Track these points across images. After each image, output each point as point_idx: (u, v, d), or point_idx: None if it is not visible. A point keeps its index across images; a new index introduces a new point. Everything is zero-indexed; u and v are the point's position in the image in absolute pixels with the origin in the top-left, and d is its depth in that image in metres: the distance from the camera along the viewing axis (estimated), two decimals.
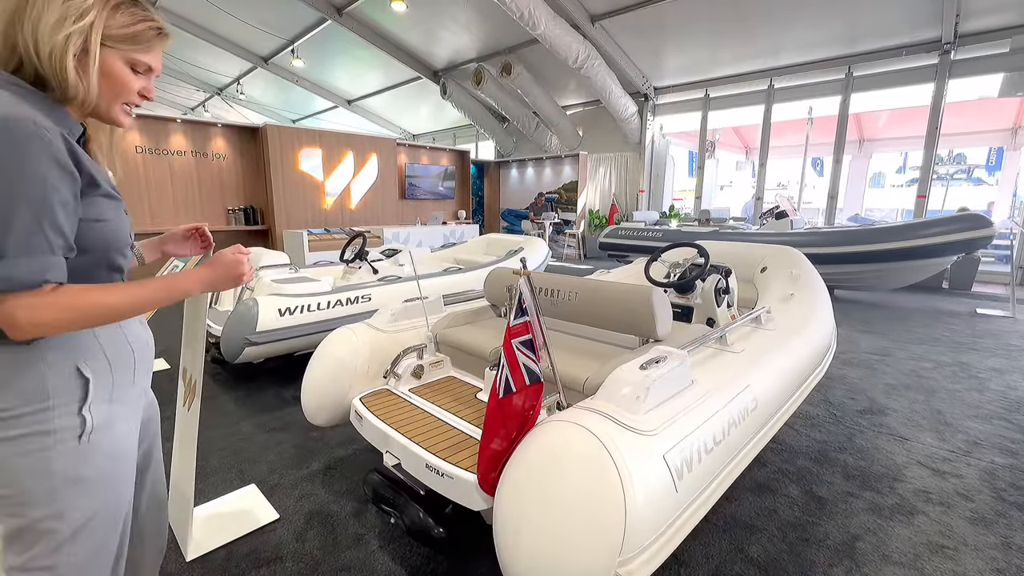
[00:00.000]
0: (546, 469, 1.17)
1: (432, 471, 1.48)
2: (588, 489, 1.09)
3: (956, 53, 7.13)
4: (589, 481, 1.10)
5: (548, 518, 1.10)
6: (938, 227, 5.60)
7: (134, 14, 0.84)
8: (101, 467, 0.84)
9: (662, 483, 1.17)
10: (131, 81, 0.87)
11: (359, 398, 1.94)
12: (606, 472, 1.10)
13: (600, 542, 1.04)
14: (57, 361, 0.79)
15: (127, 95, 0.87)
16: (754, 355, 1.84)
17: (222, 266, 0.99)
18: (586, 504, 1.08)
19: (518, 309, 1.37)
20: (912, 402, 3.11)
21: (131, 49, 0.85)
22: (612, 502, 1.07)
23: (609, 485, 1.09)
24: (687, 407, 1.39)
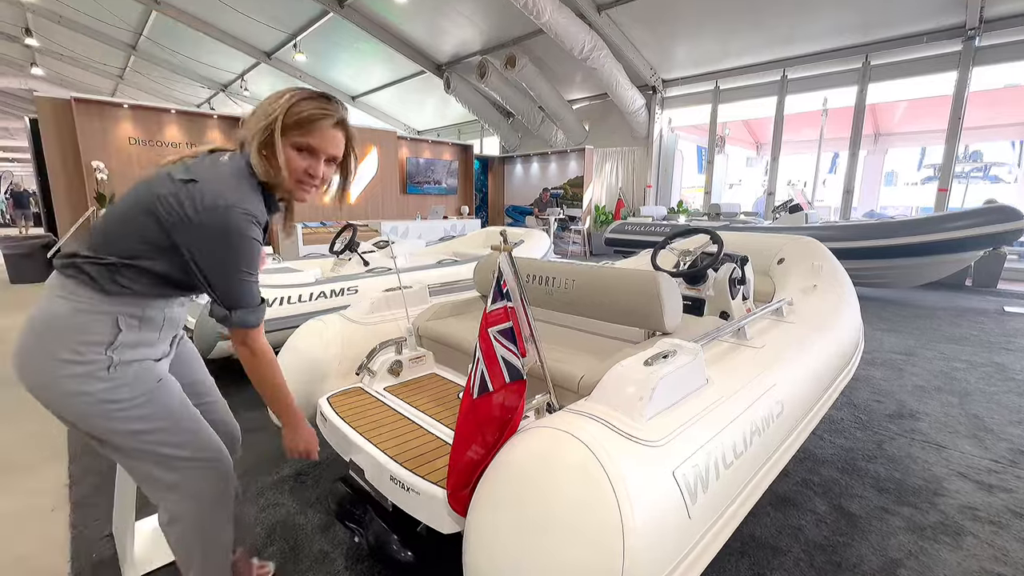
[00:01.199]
0: (526, 486, 0.93)
1: (397, 484, 1.25)
2: (576, 513, 0.86)
3: (981, 39, 6.79)
4: (578, 503, 0.87)
5: (528, 549, 0.87)
6: (964, 220, 5.29)
7: (302, 106, 1.06)
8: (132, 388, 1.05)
9: (671, 506, 0.93)
10: (294, 160, 1.07)
11: (326, 397, 1.72)
12: (599, 491, 0.87)
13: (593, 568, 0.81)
14: (110, 313, 1.02)
15: (295, 174, 1.08)
16: (777, 351, 1.59)
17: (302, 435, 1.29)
18: (574, 533, 0.85)
19: (496, 291, 1.14)
20: (945, 405, 2.84)
21: (294, 134, 1.06)
22: (606, 530, 0.84)
23: (602, 508, 0.85)
24: (701, 411, 1.14)
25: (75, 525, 1.80)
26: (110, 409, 1.02)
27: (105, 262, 1.00)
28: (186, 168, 1.02)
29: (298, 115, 1.04)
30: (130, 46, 13.55)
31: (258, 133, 1.03)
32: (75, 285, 1.00)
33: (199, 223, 0.97)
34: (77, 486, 2.04)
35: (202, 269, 1.00)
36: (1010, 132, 11.50)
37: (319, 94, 1.09)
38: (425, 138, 10.12)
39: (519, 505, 0.92)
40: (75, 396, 1.00)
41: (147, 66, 14.75)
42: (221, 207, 0.97)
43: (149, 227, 0.99)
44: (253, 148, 1.04)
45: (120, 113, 6.28)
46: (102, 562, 1.62)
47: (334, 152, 1.12)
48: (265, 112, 1.04)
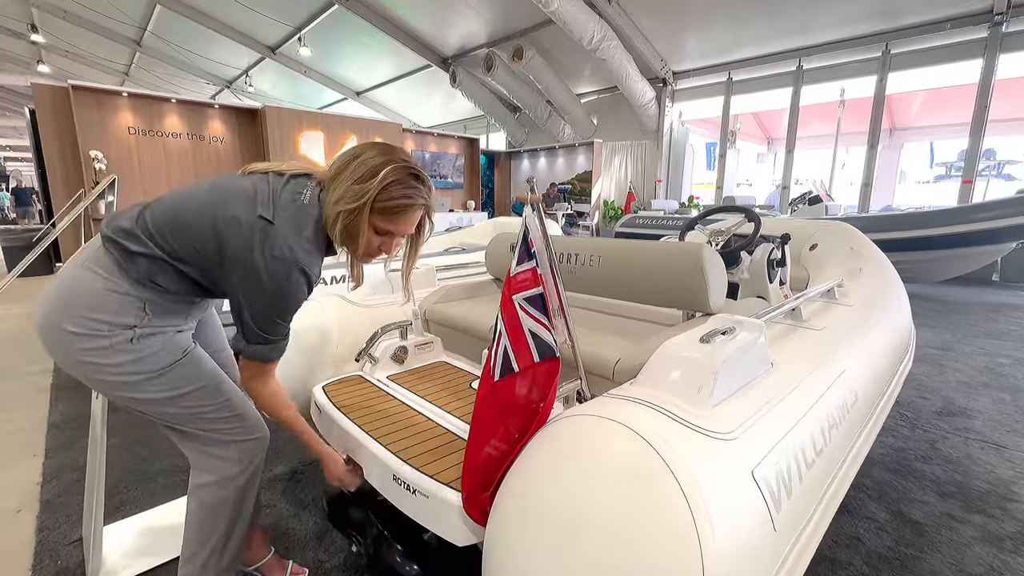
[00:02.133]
0: (565, 489, 0.73)
1: (401, 485, 1.05)
2: (634, 525, 0.65)
3: (1009, 25, 6.52)
4: (636, 511, 0.66)
5: (569, 570, 0.66)
6: (994, 210, 5.03)
7: (394, 191, 1.02)
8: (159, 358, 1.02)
9: (754, 516, 0.72)
10: (371, 241, 1.06)
11: (322, 386, 1.52)
12: (665, 496, 0.66)
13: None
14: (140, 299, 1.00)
15: (368, 250, 1.07)
16: (840, 334, 1.38)
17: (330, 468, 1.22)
18: (632, 551, 0.64)
19: (523, 251, 0.93)
20: (998, 403, 2.60)
21: (379, 219, 1.03)
22: (678, 548, 0.63)
23: (670, 519, 0.65)
24: (770, 399, 0.94)
25: (42, 528, 1.61)
26: (140, 379, 1.01)
27: (150, 254, 0.98)
28: (268, 200, 0.98)
29: (388, 202, 1.01)
30: (135, 42, 13.47)
31: (343, 205, 0.99)
32: (113, 265, 0.99)
33: (259, 267, 0.95)
34: (49, 484, 1.86)
35: (241, 303, 0.99)
36: None
37: (411, 173, 1.04)
38: (431, 131, 9.93)
39: (555, 513, 0.72)
40: (103, 370, 0.98)
41: (152, 62, 14.67)
42: (287, 260, 0.96)
43: (208, 242, 0.98)
44: (333, 216, 1.00)
45: (119, 102, 6.13)
46: (67, 570, 1.43)
47: (410, 232, 1.11)
48: (356, 188, 0.99)
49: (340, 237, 1.02)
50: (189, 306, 1.10)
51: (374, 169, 1.00)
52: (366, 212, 1.00)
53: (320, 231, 1.02)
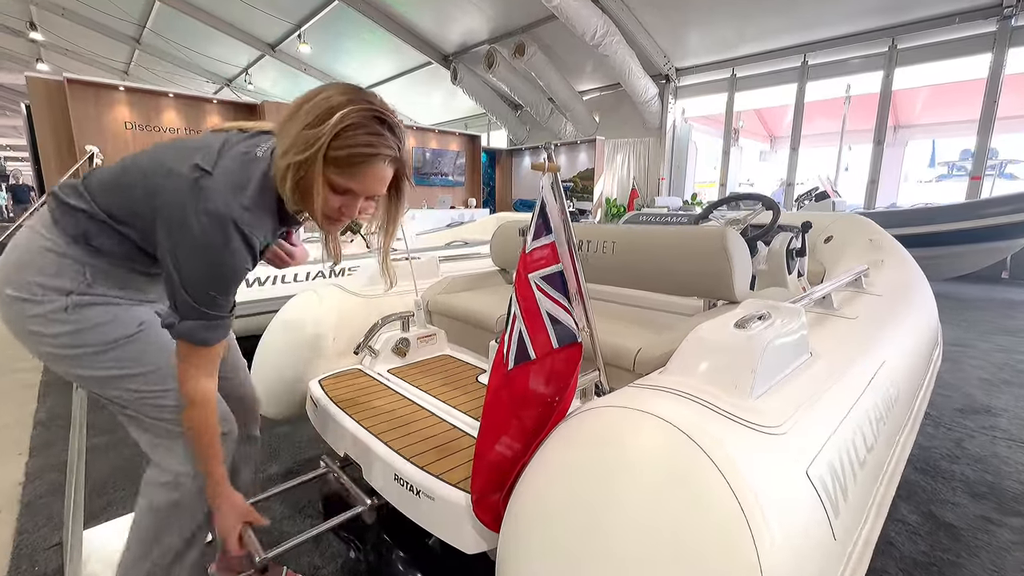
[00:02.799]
0: (592, 490, 0.63)
1: (403, 486, 0.96)
2: (677, 531, 0.56)
3: (1018, 18, 6.42)
4: (681, 517, 0.57)
5: None
6: (1005, 205, 4.93)
7: (351, 138, 0.82)
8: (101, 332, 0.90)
9: (812, 521, 0.63)
10: (329, 201, 0.86)
11: (318, 380, 1.43)
12: (712, 496, 0.57)
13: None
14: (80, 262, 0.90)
15: (326, 211, 0.87)
16: (874, 323, 1.28)
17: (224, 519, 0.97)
18: (677, 563, 0.54)
19: (540, 224, 0.84)
20: (1021, 400, 2.51)
21: (335, 171, 0.84)
22: (732, 559, 0.54)
23: (722, 526, 0.55)
24: (815, 391, 0.84)
25: (21, 531, 1.51)
26: (81, 353, 0.90)
27: (87, 210, 0.88)
28: (213, 152, 0.84)
29: (344, 150, 0.82)
30: (134, 39, 13.39)
31: (292, 156, 0.81)
32: (50, 220, 0.89)
33: (190, 223, 0.80)
34: (31, 484, 1.76)
35: (170, 267, 0.83)
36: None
37: (375, 116, 0.84)
38: (432, 127, 9.84)
39: (582, 518, 0.62)
40: (45, 341, 0.89)
41: (151, 60, 14.60)
42: (221, 216, 0.80)
43: (141, 199, 0.86)
44: (282, 170, 0.83)
45: (115, 96, 6.04)
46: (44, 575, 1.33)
47: (379, 192, 0.91)
48: (307, 134, 0.81)
49: (293, 196, 0.85)
50: (139, 276, 0.96)
51: (329, 110, 0.80)
52: (318, 163, 0.81)
53: (269, 188, 0.86)
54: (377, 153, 0.84)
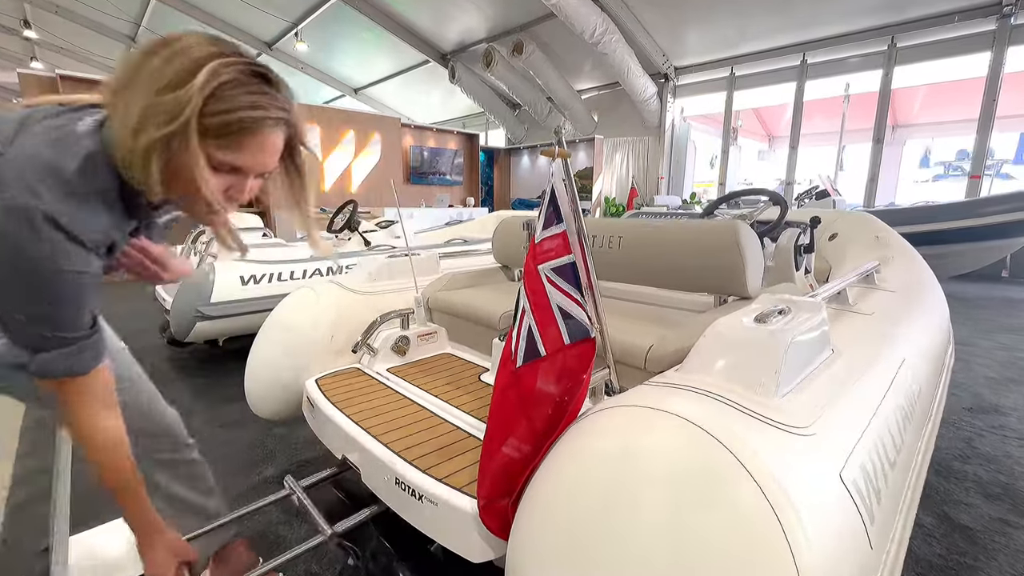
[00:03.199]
0: (611, 496, 0.59)
1: (405, 490, 0.91)
2: (710, 541, 0.51)
3: (1018, 16, 6.41)
4: (710, 523, 0.52)
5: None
6: (1008, 203, 4.92)
7: (231, 100, 0.64)
8: None
9: (849, 529, 0.58)
10: (210, 184, 0.67)
11: (315, 379, 1.38)
12: (743, 502, 0.53)
13: None
14: None
15: (211, 197, 0.67)
16: (891, 320, 1.24)
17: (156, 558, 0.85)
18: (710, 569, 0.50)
19: (551, 211, 0.79)
20: None
21: (214, 145, 0.65)
22: (768, 568, 0.49)
23: (755, 533, 0.51)
24: (841, 388, 0.80)
25: (6, 538, 1.46)
26: None
27: None
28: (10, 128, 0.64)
29: (224, 115, 0.64)
30: (129, 38, 13.28)
31: (152, 131, 0.62)
32: None
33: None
34: (19, 489, 1.70)
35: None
36: None
37: (254, 71, 0.67)
38: (430, 126, 9.78)
39: (599, 524, 0.58)
40: None
41: None
42: (26, 211, 0.60)
43: None
44: (140, 151, 0.63)
45: None
46: None
47: (271, 166, 0.73)
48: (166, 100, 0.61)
49: (161, 186, 0.65)
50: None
51: (192, 66, 0.62)
52: (192, 136, 0.63)
53: (100, 171, 0.66)
54: (267, 117, 0.67)
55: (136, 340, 3.68)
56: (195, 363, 2.96)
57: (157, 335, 3.39)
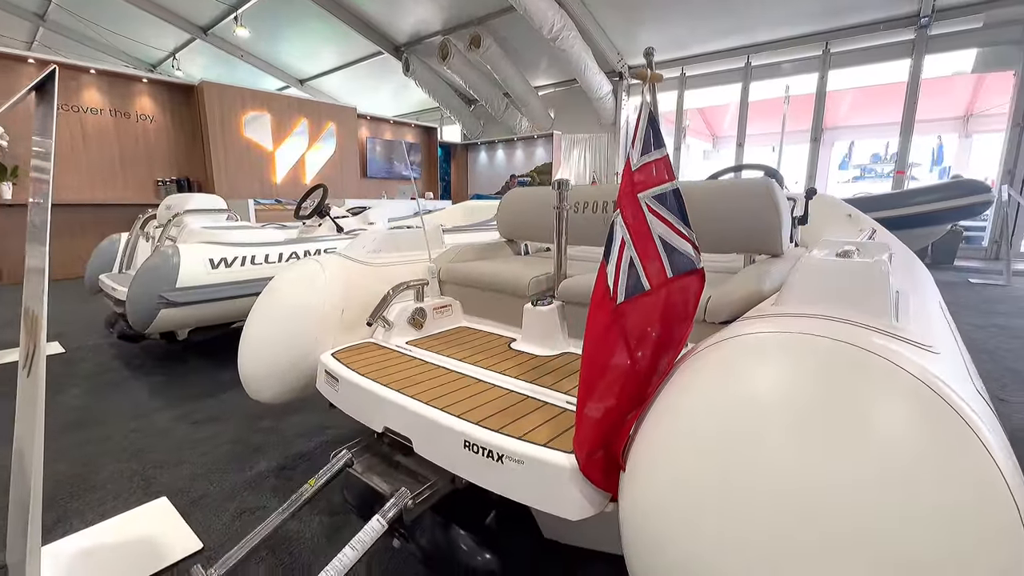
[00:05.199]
0: (758, 420, 0.54)
1: (477, 453, 0.82)
2: (895, 457, 0.48)
3: (932, 28, 7.08)
4: (891, 431, 0.49)
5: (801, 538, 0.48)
6: (937, 193, 5.41)
7: None
8: None
9: (998, 435, 0.57)
10: None
11: (330, 353, 1.25)
12: (930, 409, 0.49)
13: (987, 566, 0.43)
14: None
15: None
16: (905, 274, 1.29)
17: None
18: (935, 494, 0.46)
19: (649, 135, 0.74)
20: (980, 363, 2.70)
21: None
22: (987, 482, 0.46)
23: (955, 441, 0.48)
24: (927, 316, 0.80)
25: None
26: None
27: None
28: None
29: None
30: (38, 15, 11.94)
31: None
32: None
33: None
34: None
35: None
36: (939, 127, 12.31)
37: None
38: (387, 117, 9.47)
39: (735, 456, 0.53)
40: None
41: (59, 41, 13.07)
42: None
43: None
44: None
45: (23, 69, 5.30)
46: None
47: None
48: None
49: None
50: None
51: None
52: None
53: None
54: None
55: (76, 339, 3.27)
56: (150, 360, 2.66)
57: (101, 332, 3.04)
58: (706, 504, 0.54)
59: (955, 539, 0.44)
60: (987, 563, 0.43)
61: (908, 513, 0.45)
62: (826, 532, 0.47)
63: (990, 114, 10.31)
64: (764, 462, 0.52)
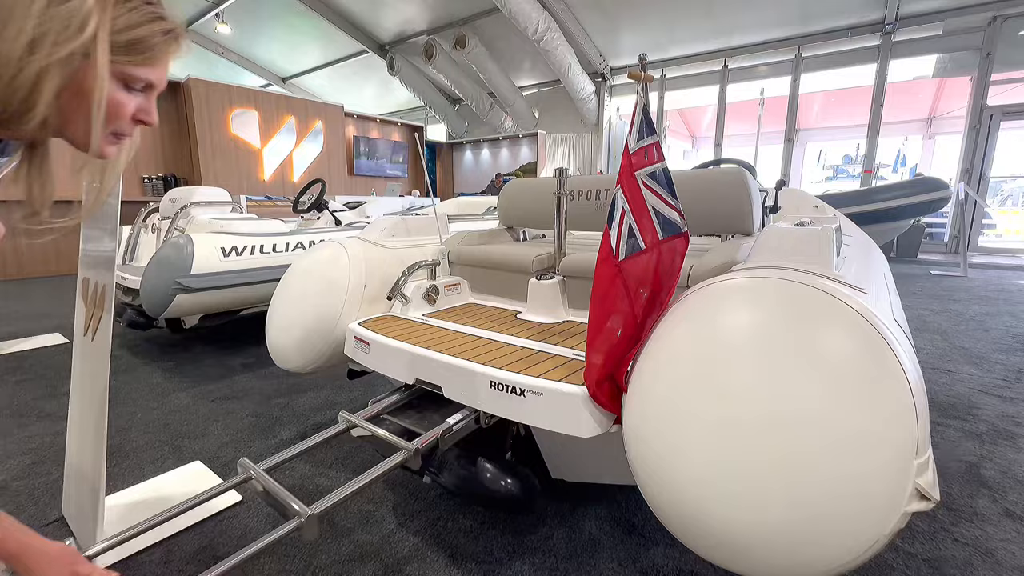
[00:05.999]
0: (734, 342, 0.72)
1: (503, 390, 0.99)
2: (848, 361, 0.65)
3: (897, 34, 7.48)
4: (844, 349, 0.67)
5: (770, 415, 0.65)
6: (900, 190, 5.76)
7: (137, 9, 0.58)
8: None
9: (912, 362, 0.75)
10: (124, 103, 0.60)
11: (357, 323, 1.40)
12: (863, 332, 0.67)
13: (887, 433, 0.61)
14: None
15: (117, 121, 0.60)
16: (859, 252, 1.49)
17: None
18: (850, 380, 0.64)
19: (643, 124, 0.91)
20: (933, 343, 2.97)
21: (127, 61, 0.58)
22: (888, 373, 0.64)
23: (877, 351, 0.66)
24: (863, 270, 0.99)
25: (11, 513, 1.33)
26: None
27: None
28: None
29: (137, 29, 0.58)
30: None
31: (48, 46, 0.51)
32: None
33: None
34: (3, 466, 1.54)
35: None
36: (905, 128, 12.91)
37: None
38: (373, 115, 9.53)
39: (735, 374, 0.70)
40: None
41: None
42: None
43: None
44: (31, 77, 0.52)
45: None
46: None
47: None
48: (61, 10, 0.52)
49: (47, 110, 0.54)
50: None
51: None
52: (102, 52, 0.55)
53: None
54: (175, 25, 0.62)
55: None
56: (156, 348, 2.74)
57: None
58: (690, 412, 0.72)
59: (874, 419, 0.62)
60: (893, 436, 0.61)
61: (843, 403, 0.63)
62: (782, 416, 0.64)
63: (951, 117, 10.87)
64: (736, 378, 0.70)
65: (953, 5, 7.04)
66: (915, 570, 1.11)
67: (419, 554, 1.16)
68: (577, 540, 1.20)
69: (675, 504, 0.72)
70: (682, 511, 0.71)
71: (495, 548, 1.18)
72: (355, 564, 1.13)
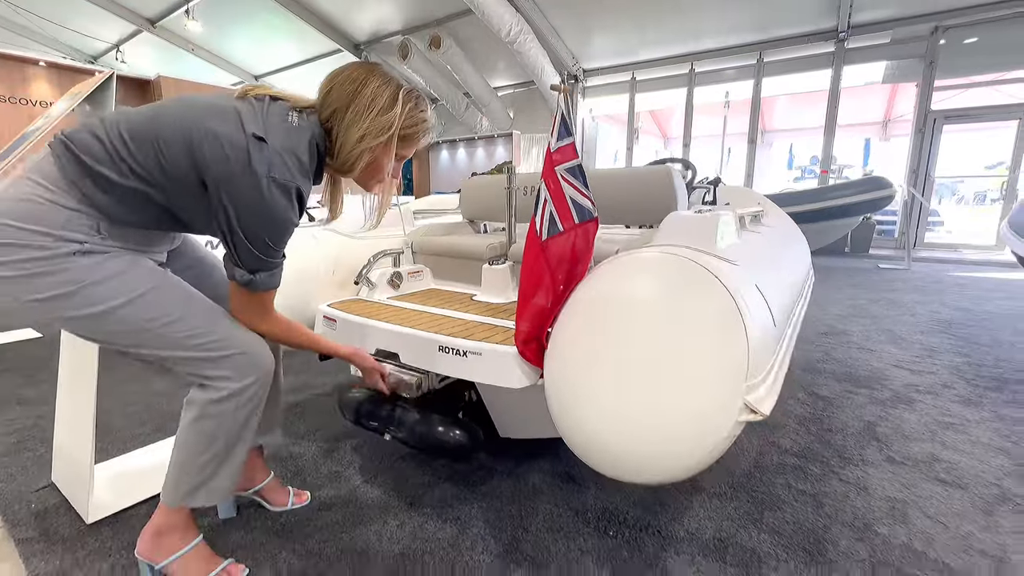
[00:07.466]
0: (626, 300, 0.91)
1: (450, 353, 1.16)
2: (700, 313, 0.85)
3: (850, 42, 7.92)
4: (699, 304, 0.86)
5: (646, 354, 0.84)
6: (850, 188, 6.15)
7: (413, 117, 1.02)
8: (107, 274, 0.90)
9: (762, 312, 0.96)
10: (387, 167, 1.04)
11: (327, 304, 1.55)
12: (717, 292, 0.87)
13: (724, 364, 0.81)
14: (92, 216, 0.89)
15: (380, 176, 1.05)
16: (777, 236, 1.72)
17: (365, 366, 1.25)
18: (700, 327, 0.84)
19: (561, 128, 1.09)
20: (864, 326, 3.26)
21: (401, 146, 1.04)
22: (731, 322, 0.84)
23: (725, 306, 0.86)
24: (751, 252, 1.20)
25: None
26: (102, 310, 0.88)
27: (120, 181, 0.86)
28: (257, 117, 0.88)
29: (412, 128, 1.02)
30: None
31: (371, 140, 0.96)
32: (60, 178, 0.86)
33: (255, 188, 0.85)
34: None
35: (234, 229, 0.88)
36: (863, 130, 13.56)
37: (416, 94, 1.02)
38: None
39: (615, 325, 0.89)
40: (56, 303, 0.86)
41: None
42: (286, 182, 0.88)
43: (180, 160, 0.86)
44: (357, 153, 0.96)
45: None
46: (46, 511, 1.31)
47: None
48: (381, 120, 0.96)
49: (359, 172, 1.00)
50: (155, 234, 0.99)
51: (392, 97, 0.96)
52: (394, 143, 0.99)
53: (313, 156, 0.94)
54: (429, 124, 1.06)
55: None
56: None
57: None
58: (594, 356, 0.90)
59: (715, 355, 0.82)
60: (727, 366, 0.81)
61: (695, 344, 0.83)
62: (655, 354, 0.83)
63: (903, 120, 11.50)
64: (627, 328, 0.89)
65: (900, 15, 7.49)
66: (802, 503, 1.33)
67: (381, 503, 1.33)
68: (522, 489, 1.38)
69: (582, 432, 0.90)
70: (587, 438, 0.90)
71: (448, 497, 1.35)
72: (324, 512, 1.29)
